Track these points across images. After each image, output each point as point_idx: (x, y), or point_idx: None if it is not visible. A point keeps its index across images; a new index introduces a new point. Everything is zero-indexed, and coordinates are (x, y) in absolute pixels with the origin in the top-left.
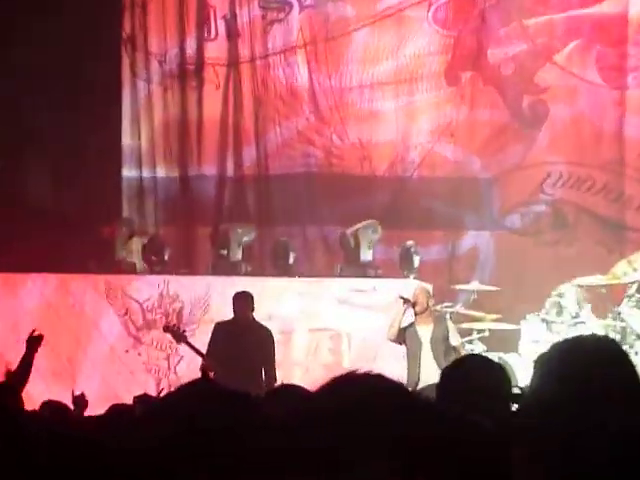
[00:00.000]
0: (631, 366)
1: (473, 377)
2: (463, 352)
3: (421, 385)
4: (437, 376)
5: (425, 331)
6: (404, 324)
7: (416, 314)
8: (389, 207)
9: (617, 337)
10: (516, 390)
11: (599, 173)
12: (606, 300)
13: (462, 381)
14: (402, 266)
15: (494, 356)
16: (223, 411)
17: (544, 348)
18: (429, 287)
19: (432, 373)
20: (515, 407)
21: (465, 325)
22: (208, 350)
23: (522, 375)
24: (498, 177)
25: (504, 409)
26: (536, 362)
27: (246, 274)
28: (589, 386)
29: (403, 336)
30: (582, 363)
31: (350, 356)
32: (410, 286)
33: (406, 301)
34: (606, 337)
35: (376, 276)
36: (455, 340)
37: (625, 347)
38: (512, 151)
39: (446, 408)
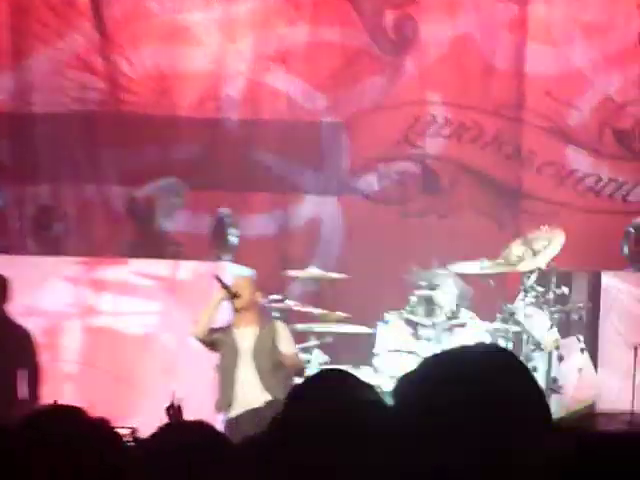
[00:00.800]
0: (539, 396)
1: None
2: (298, 364)
3: (237, 410)
4: (259, 398)
5: (246, 336)
6: (219, 323)
7: (236, 311)
8: (197, 161)
9: (509, 346)
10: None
11: (488, 119)
12: (495, 295)
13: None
14: (214, 243)
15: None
16: None
17: (408, 363)
18: (250, 273)
19: (253, 394)
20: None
21: (300, 327)
22: None
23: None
24: (349, 121)
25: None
26: (395, 389)
27: None
28: (472, 431)
29: (214, 339)
30: (463, 392)
31: (143, 365)
32: (225, 271)
33: (224, 287)
34: (500, 349)
35: (177, 256)
36: (286, 347)
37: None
38: (369, 86)
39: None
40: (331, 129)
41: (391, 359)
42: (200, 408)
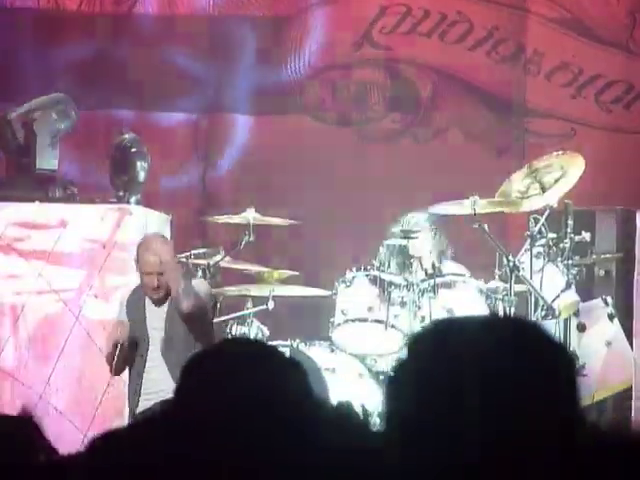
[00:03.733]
0: (573, 385)
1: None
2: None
3: (146, 399)
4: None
5: (160, 313)
6: (125, 294)
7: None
8: (90, 70)
9: (511, 311)
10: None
11: (479, 9)
12: (491, 244)
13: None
14: (115, 180)
15: (285, 351)
16: None
17: (377, 336)
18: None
19: (164, 377)
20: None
21: (233, 290)
22: None
23: (341, 384)
24: (289, 17)
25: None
26: (391, 378)
27: None
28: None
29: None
30: (474, 380)
31: (17, 343)
32: (132, 217)
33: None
34: (520, 320)
35: (66, 199)
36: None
37: None
38: None
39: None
40: (265, 27)
41: (354, 331)
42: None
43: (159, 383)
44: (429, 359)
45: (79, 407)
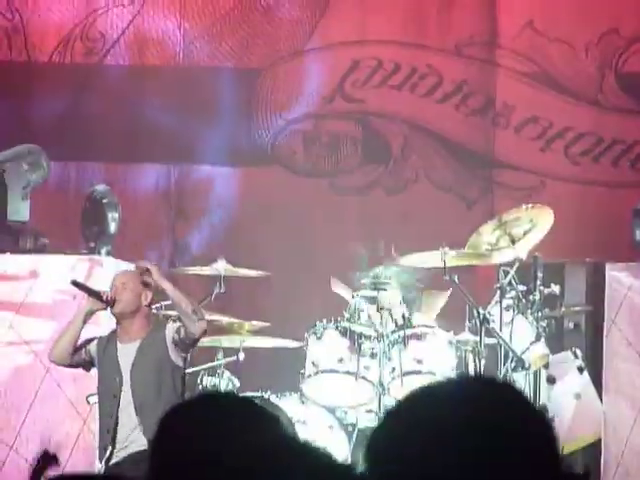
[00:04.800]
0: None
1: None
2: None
3: (119, 453)
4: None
5: (130, 353)
6: (87, 336)
7: (118, 319)
8: (62, 121)
9: (480, 364)
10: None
11: (449, 62)
12: (461, 296)
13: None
14: (86, 232)
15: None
16: None
17: (347, 388)
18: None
19: (131, 431)
20: None
21: (202, 341)
22: None
23: (311, 436)
24: (262, 68)
25: None
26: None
27: None
28: None
29: (86, 358)
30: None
31: None
32: (102, 267)
33: (88, 292)
34: (495, 383)
35: (37, 250)
36: (179, 363)
37: None
38: (287, 22)
39: None
40: (236, 78)
41: (325, 383)
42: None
43: (128, 430)
44: (401, 435)
45: None
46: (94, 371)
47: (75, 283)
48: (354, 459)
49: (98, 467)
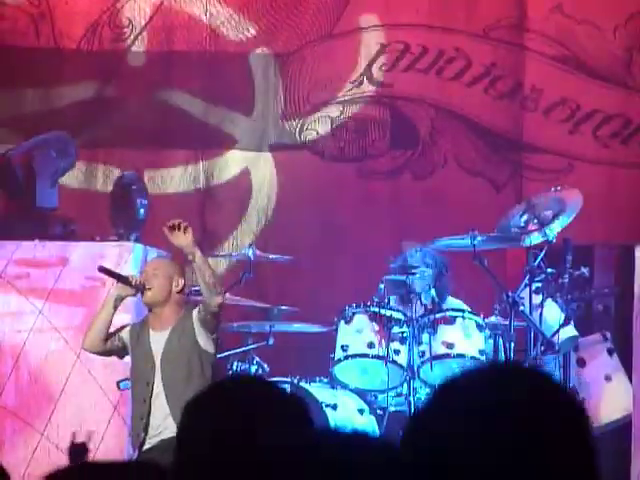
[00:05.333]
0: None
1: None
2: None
3: (151, 440)
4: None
5: (161, 340)
6: (119, 323)
7: (149, 306)
8: (90, 108)
9: (510, 347)
10: None
11: (477, 46)
12: (490, 280)
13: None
14: (114, 218)
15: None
16: None
17: (377, 372)
18: (163, 255)
19: (162, 419)
20: None
21: (234, 326)
22: None
23: (341, 420)
24: (290, 54)
25: None
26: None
27: None
28: None
29: (114, 347)
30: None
31: (19, 385)
32: (130, 254)
33: (119, 278)
34: (535, 372)
35: (65, 237)
36: (209, 348)
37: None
38: (314, 6)
39: None
40: (264, 63)
41: (354, 367)
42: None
43: (161, 417)
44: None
45: None
46: (126, 357)
47: (103, 269)
48: None
49: (129, 453)
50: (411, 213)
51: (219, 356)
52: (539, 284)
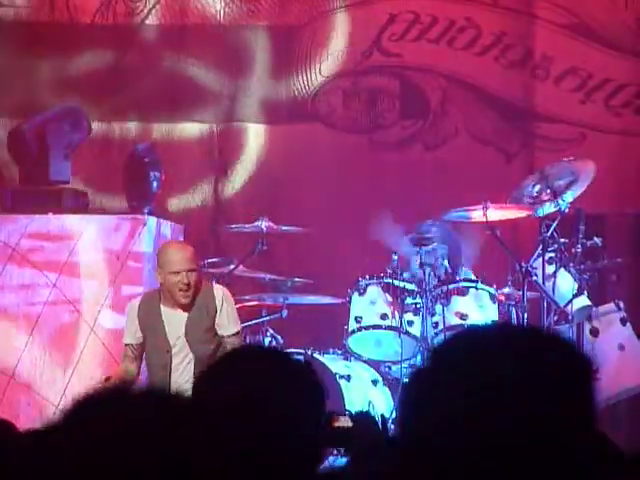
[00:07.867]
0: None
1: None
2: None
3: None
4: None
5: (178, 314)
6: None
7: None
8: (104, 81)
9: (524, 317)
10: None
11: (487, 15)
12: (503, 250)
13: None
14: (128, 190)
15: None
16: None
17: (390, 342)
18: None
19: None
20: None
21: (245, 299)
22: None
23: (355, 391)
24: (298, 26)
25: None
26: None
27: None
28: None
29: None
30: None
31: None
32: (144, 227)
33: None
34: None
35: (79, 210)
36: (228, 326)
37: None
38: None
39: None
40: (276, 36)
41: (368, 338)
42: None
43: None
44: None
45: None
46: None
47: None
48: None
49: None
50: (423, 183)
51: None
52: (552, 254)
